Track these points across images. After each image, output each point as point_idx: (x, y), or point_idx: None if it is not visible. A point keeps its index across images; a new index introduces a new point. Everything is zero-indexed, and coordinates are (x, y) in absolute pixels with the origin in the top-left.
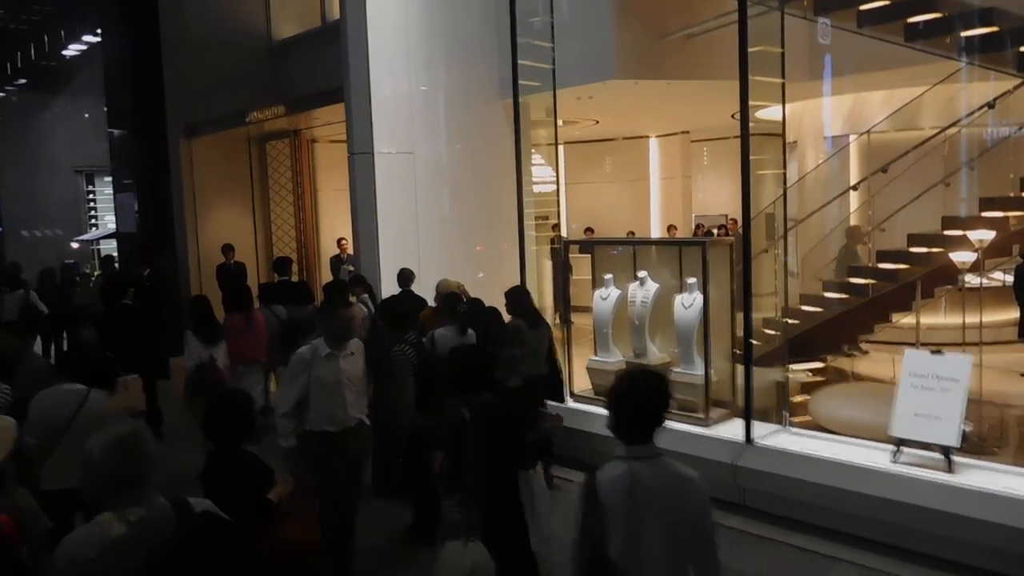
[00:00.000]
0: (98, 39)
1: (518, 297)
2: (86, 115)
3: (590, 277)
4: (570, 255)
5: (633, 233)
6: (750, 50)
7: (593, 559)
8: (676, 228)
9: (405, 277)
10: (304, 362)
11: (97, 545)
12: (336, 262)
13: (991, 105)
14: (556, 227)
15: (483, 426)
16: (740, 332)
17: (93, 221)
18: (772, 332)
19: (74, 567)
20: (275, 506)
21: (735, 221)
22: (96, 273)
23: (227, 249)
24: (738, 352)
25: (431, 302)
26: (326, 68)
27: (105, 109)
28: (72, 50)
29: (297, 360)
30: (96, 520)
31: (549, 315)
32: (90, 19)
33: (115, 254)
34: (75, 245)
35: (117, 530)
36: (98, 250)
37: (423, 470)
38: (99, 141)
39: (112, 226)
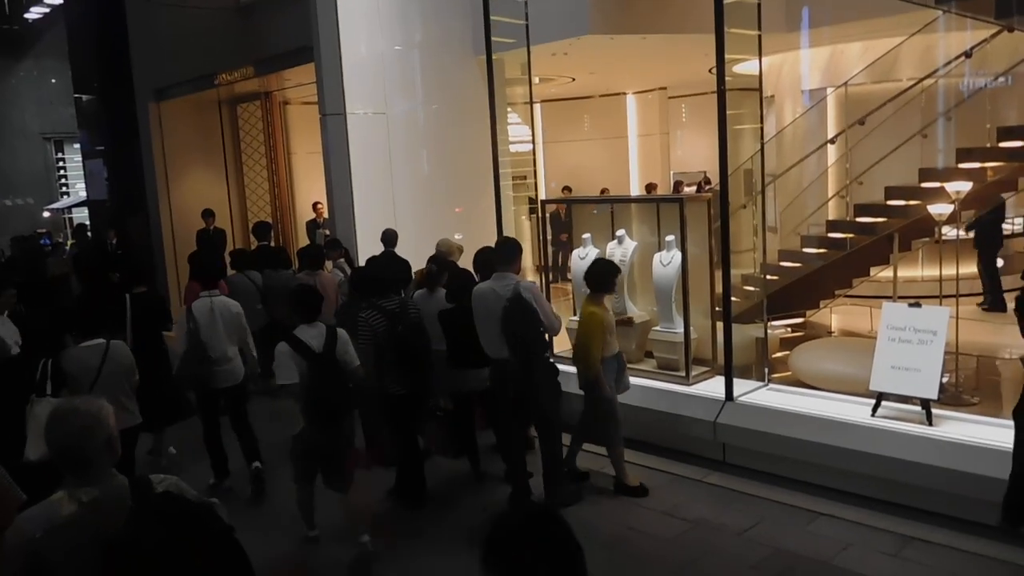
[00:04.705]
0: (60, 0)
1: (485, 259)
2: (53, 80)
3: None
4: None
5: (607, 191)
6: (725, 1)
7: (195, 350)
8: (656, 185)
9: (388, 238)
10: None
11: (46, 524)
12: (312, 226)
13: (968, 54)
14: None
15: None
16: (719, 289)
17: (64, 189)
18: (751, 288)
19: (23, 544)
20: None
21: (710, 182)
22: (69, 242)
23: (207, 214)
24: (718, 309)
25: (413, 263)
26: (295, 27)
27: (71, 73)
28: (35, 13)
29: None
30: (50, 499)
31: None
32: None
33: (87, 222)
34: (47, 214)
35: (67, 510)
36: (70, 218)
37: (403, 435)
38: (67, 107)
39: (84, 194)
